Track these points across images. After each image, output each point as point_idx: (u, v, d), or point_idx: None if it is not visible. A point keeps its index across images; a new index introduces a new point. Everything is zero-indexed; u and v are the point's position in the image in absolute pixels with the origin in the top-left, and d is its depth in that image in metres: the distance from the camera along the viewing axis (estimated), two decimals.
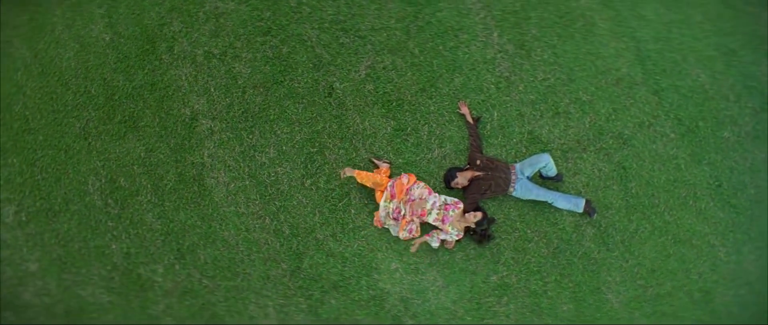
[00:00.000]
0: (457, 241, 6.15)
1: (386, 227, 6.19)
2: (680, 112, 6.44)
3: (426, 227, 6.17)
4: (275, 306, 6.14)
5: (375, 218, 6.19)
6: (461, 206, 6.04)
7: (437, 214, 5.96)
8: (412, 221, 5.99)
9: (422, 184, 6.04)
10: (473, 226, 6.03)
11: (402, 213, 5.98)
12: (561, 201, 6.15)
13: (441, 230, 6.06)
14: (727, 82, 6.50)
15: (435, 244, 6.09)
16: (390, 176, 6.17)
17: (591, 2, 6.51)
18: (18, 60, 6.44)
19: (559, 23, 6.48)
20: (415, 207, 5.94)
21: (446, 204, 6.00)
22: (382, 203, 6.03)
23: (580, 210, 6.18)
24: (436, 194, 6.01)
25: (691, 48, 6.54)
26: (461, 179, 6.07)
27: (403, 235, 5.99)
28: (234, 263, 6.16)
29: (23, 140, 6.16)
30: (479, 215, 6.03)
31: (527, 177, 6.15)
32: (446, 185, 6.12)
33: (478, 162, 6.12)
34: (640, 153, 6.39)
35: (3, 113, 6.23)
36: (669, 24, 6.55)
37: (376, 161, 6.26)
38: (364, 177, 6.00)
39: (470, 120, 6.30)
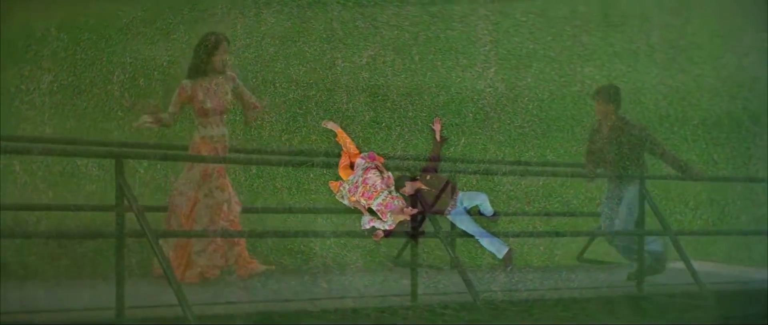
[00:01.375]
0: (384, 234, 6.81)
1: (341, 188, 6.86)
2: None
3: None
4: None
5: (332, 185, 6.91)
6: (402, 202, 6.66)
7: (383, 200, 6.62)
8: (359, 201, 6.70)
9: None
10: (408, 219, 6.64)
11: (357, 187, 6.67)
12: (486, 241, 6.55)
13: (379, 218, 6.75)
14: None
15: (366, 224, 6.80)
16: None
17: (594, 73, 6.50)
18: None
19: (557, 82, 6.56)
20: (368, 189, 6.62)
21: (392, 195, 6.65)
22: (358, 161, 6.70)
23: (501, 256, 6.57)
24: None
25: None
26: (408, 189, 6.60)
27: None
28: None
29: (77, 21, 7.32)
30: (415, 210, 6.61)
31: (465, 207, 6.58)
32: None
33: (429, 178, 6.61)
34: (581, 226, 6.61)
35: None
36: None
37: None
38: (342, 136, 6.69)
39: (438, 138, 6.68)
